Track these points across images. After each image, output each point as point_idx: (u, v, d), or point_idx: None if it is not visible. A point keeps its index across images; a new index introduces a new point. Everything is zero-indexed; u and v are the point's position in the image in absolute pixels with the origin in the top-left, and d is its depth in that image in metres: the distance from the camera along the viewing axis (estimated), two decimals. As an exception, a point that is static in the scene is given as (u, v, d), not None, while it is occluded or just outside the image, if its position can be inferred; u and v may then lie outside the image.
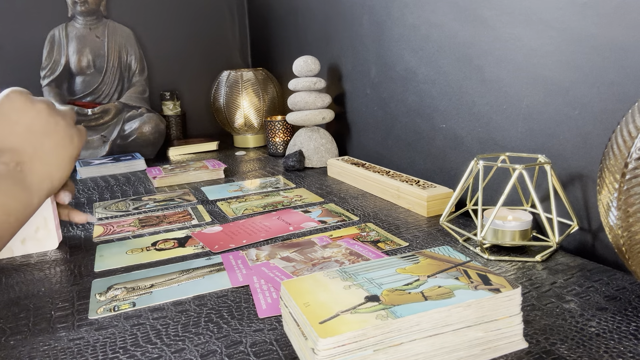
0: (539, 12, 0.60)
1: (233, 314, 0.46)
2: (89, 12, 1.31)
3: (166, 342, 0.42)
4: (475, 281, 0.39)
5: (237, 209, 0.79)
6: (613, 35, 0.52)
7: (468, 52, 0.72)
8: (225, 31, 1.61)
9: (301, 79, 1.05)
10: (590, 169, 0.57)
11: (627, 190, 0.38)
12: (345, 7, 1.04)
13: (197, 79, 1.57)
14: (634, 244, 0.39)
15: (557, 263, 0.54)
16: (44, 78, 1.30)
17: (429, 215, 0.71)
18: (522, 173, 0.54)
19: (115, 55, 1.33)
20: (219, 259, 0.59)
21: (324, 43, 1.16)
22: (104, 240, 0.68)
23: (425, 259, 0.44)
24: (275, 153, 1.21)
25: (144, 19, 1.47)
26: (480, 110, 0.72)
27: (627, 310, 0.43)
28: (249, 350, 0.40)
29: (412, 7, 0.83)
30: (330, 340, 0.32)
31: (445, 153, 0.80)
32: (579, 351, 0.38)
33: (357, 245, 0.60)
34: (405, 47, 0.86)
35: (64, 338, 0.43)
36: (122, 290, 0.52)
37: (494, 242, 0.56)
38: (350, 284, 0.39)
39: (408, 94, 0.88)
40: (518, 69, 0.64)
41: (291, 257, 0.58)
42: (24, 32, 1.34)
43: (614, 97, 0.53)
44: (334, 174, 0.97)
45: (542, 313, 0.44)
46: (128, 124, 1.25)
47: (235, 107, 1.31)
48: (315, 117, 1.04)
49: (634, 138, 0.38)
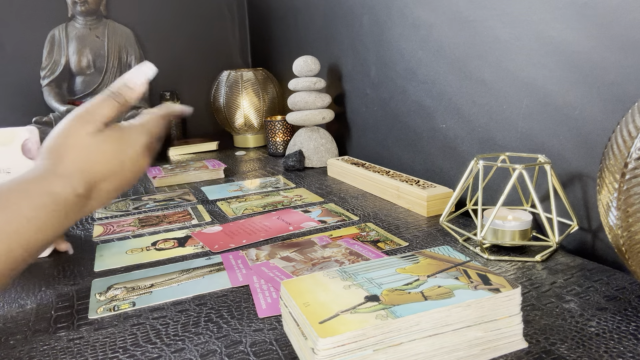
0: (539, 12, 0.60)
1: (233, 313, 0.46)
2: (89, 12, 1.31)
3: (166, 342, 0.42)
4: (475, 281, 0.39)
5: (237, 209, 0.79)
6: (613, 35, 0.52)
7: (468, 52, 0.72)
8: (225, 31, 1.61)
9: (301, 79, 1.05)
10: (590, 169, 0.57)
11: (627, 190, 0.38)
12: (345, 7, 1.04)
13: (197, 79, 1.57)
14: (633, 244, 0.39)
15: (557, 263, 0.54)
16: (44, 78, 1.30)
17: (428, 215, 0.71)
18: (522, 173, 0.54)
19: (115, 55, 1.33)
20: (218, 259, 0.59)
21: (324, 43, 1.16)
22: (103, 240, 0.68)
23: (425, 259, 0.44)
24: (275, 153, 1.21)
25: (144, 19, 1.47)
26: (480, 110, 0.72)
27: (627, 310, 0.43)
28: (249, 350, 0.40)
29: (412, 7, 0.83)
30: (330, 340, 0.32)
31: (445, 153, 0.80)
32: (579, 351, 0.38)
33: (357, 245, 0.60)
34: (405, 47, 0.86)
35: (63, 338, 0.43)
36: (122, 290, 0.52)
37: (494, 242, 0.56)
38: (350, 284, 0.39)
39: (408, 94, 0.88)
40: (518, 69, 0.64)
41: (291, 257, 0.58)
42: (24, 32, 1.34)
43: (614, 97, 0.53)
44: (334, 173, 0.97)
45: (542, 313, 0.44)
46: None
47: (235, 107, 1.31)
48: (315, 117, 1.04)
49: (634, 138, 0.38)
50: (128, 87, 0.47)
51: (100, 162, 0.44)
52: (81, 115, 0.45)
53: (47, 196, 0.41)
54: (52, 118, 1.23)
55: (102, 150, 0.44)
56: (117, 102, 0.46)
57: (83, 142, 0.44)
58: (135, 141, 0.46)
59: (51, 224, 0.41)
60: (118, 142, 0.45)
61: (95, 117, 0.45)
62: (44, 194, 0.41)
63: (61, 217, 0.41)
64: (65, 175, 0.42)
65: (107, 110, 0.45)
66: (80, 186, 0.43)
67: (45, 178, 0.42)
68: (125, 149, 0.46)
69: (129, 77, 0.47)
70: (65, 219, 0.42)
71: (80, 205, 0.43)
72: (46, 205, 0.40)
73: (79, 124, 0.44)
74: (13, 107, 1.36)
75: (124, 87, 0.47)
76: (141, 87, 0.47)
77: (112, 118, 0.46)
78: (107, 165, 0.44)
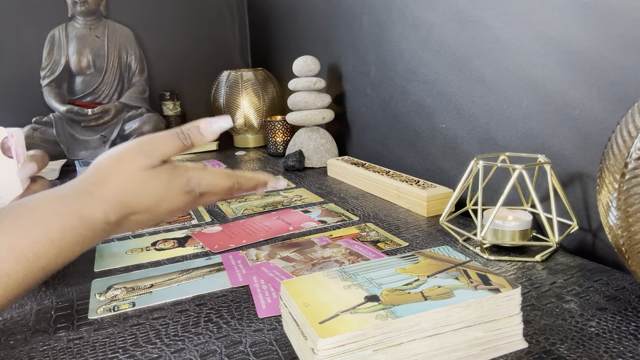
0: (538, 12, 0.60)
1: (233, 314, 0.46)
2: (89, 12, 1.31)
3: (166, 342, 0.42)
4: (475, 281, 0.39)
5: (237, 209, 0.79)
6: (613, 35, 0.52)
7: (468, 52, 0.72)
8: (225, 31, 1.61)
9: (301, 79, 1.05)
10: (590, 169, 0.57)
11: (627, 190, 0.38)
12: (345, 7, 1.04)
13: (197, 79, 1.57)
14: (633, 244, 0.39)
15: (557, 263, 0.54)
16: (44, 78, 1.30)
17: (428, 215, 0.71)
18: (522, 173, 0.54)
19: (115, 55, 1.33)
20: (218, 259, 0.59)
21: (324, 43, 1.16)
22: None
23: (425, 259, 0.44)
24: (275, 153, 1.21)
25: (144, 19, 1.47)
26: (480, 110, 0.72)
27: (627, 310, 0.43)
28: (249, 350, 0.40)
29: (412, 7, 0.83)
30: (330, 340, 0.32)
31: (445, 153, 0.80)
32: (579, 351, 0.38)
33: (357, 245, 0.60)
34: (405, 47, 0.86)
35: (63, 338, 0.43)
36: (122, 290, 0.52)
37: (494, 242, 0.56)
38: (350, 284, 0.39)
39: (408, 94, 0.88)
40: (518, 69, 0.64)
41: (291, 257, 0.58)
42: (24, 32, 1.34)
43: (614, 97, 0.53)
44: (334, 174, 0.97)
45: (542, 313, 0.44)
46: (128, 124, 1.25)
47: (235, 107, 1.31)
48: (315, 117, 1.04)
49: (633, 138, 0.38)
50: (200, 132, 0.46)
51: (141, 196, 0.43)
52: (142, 146, 0.43)
53: (78, 219, 0.39)
54: (52, 118, 1.23)
55: (148, 186, 0.43)
56: (183, 144, 0.45)
57: (133, 174, 0.42)
58: (180, 184, 0.45)
59: (74, 247, 0.40)
60: (166, 181, 0.44)
61: (156, 153, 0.43)
62: (75, 216, 0.39)
63: (86, 242, 0.40)
64: (103, 200, 0.41)
65: (169, 149, 0.44)
66: (113, 215, 0.42)
67: (80, 198, 0.41)
68: (169, 187, 0.44)
69: (205, 124, 0.46)
70: (89, 244, 0.41)
71: (107, 232, 0.42)
72: (74, 228, 0.39)
73: (137, 155, 0.43)
74: (13, 107, 1.36)
75: (196, 131, 0.46)
76: (212, 136, 0.46)
77: (171, 157, 0.45)
78: (146, 201, 0.43)
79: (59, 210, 0.39)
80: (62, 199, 0.40)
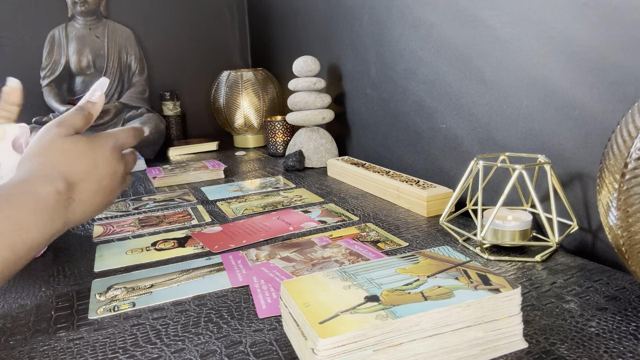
0: (539, 12, 0.60)
1: (233, 314, 0.46)
2: (88, 12, 1.31)
3: (166, 342, 0.42)
4: (475, 281, 0.39)
5: (237, 209, 0.79)
6: (613, 35, 0.52)
7: (468, 52, 0.72)
8: (225, 31, 1.61)
9: (301, 79, 1.05)
10: (590, 169, 0.57)
11: (627, 190, 0.38)
12: (345, 7, 1.04)
13: (197, 79, 1.57)
14: (633, 244, 0.39)
15: (557, 263, 0.54)
16: (44, 78, 1.30)
17: (428, 215, 0.71)
18: (522, 173, 0.54)
19: (115, 55, 1.33)
20: (218, 259, 0.59)
21: (324, 43, 1.16)
22: (103, 240, 0.68)
23: (425, 259, 0.44)
24: (275, 153, 1.21)
25: (144, 19, 1.47)
26: (480, 110, 0.72)
27: (627, 310, 0.43)
28: (249, 350, 0.40)
29: (412, 7, 0.83)
30: (330, 340, 0.32)
31: (445, 153, 0.80)
32: (579, 351, 0.38)
33: (357, 245, 0.60)
34: (405, 47, 0.86)
35: (63, 338, 0.43)
36: (122, 290, 0.52)
37: (494, 242, 0.56)
38: (350, 284, 0.39)
39: (408, 94, 0.88)
40: (518, 69, 0.64)
41: (291, 257, 0.58)
42: (24, 32, 1.34)
43: (614, 97, 0.53)
44: (334, 174, 0.97)
45: (542, 313, 0.44)
46: (128, 124, 1.25)
47: (235, 107, 1.31)
48: (315, 117, 1.04)
49: (633, 138, 0.38)
50: (90, 101, 0.54)
51: (75, 161, 0.49)
52: (54, 124, 0.50)
53: (27, 195, 0.43)
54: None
55: (75, 150, 0.49)
56: (83, 114, 0.52)
57: (58, 144, 0.49)
58: (102, 144, 0.51)
59: (34, 222, 0.43)
60: (87, 144, 0.50)
61: (66, 124, 0.50)
62: (24, 193, 0.44)
63: (44, 216, 0.44)
64: (45, 174, 0.46)
65: (76, 120, 0.51)
66: (60, 184, 0.46)
67: (26, 180, 0.45)
68: (95, 149, 0.50)
69: (89, 93, 0.54)
70: (50, 218, 0.44)
71: (64, 204, 0.46)
72: (26, 204, 0.43)
73: (54, 130, 0.50)
74: (13, 107, 1.36)
75: (87, 102, 0.54)
76: (100, 99, 0.54)
77: (81, 128, 0.52)
78: (82, 164, 0.49)
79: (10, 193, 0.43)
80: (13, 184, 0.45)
